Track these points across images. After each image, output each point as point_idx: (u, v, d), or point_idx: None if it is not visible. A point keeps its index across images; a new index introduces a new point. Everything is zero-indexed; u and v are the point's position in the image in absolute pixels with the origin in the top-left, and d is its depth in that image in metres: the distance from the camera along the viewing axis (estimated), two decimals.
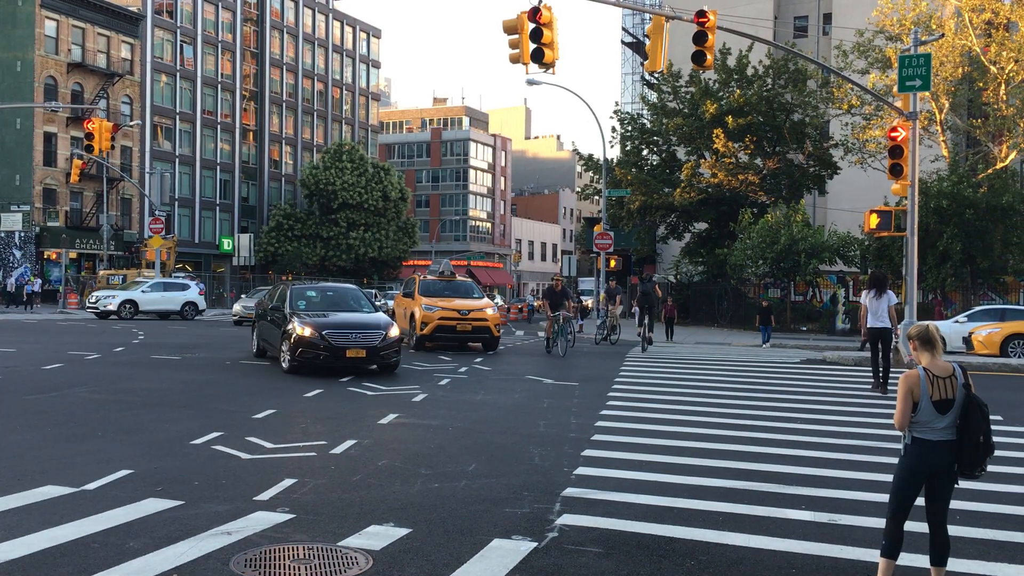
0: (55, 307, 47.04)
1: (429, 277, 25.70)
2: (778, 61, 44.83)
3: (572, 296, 23.18)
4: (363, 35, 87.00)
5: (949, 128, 39.47)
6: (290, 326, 16.65)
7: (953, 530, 5.79)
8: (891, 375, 15.93)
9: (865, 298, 16.28)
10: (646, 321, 25.42)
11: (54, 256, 55.39)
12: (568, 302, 23.34)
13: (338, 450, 9.67)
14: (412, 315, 23.25)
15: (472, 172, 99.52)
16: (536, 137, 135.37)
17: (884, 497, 5.77)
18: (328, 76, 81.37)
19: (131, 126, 59.62)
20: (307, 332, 16.20)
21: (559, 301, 23.04)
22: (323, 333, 16.16)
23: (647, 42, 19.65)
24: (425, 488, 8.05)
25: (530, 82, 37.01)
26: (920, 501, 5.49)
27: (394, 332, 16.90)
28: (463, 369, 18.30)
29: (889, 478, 5.69)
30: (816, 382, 17.47)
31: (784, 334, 33.98)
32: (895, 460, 5.62)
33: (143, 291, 38.20)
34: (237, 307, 36.49)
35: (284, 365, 16.67)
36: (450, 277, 25.29)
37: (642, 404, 13.66)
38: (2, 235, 54.87)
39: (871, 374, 16.52)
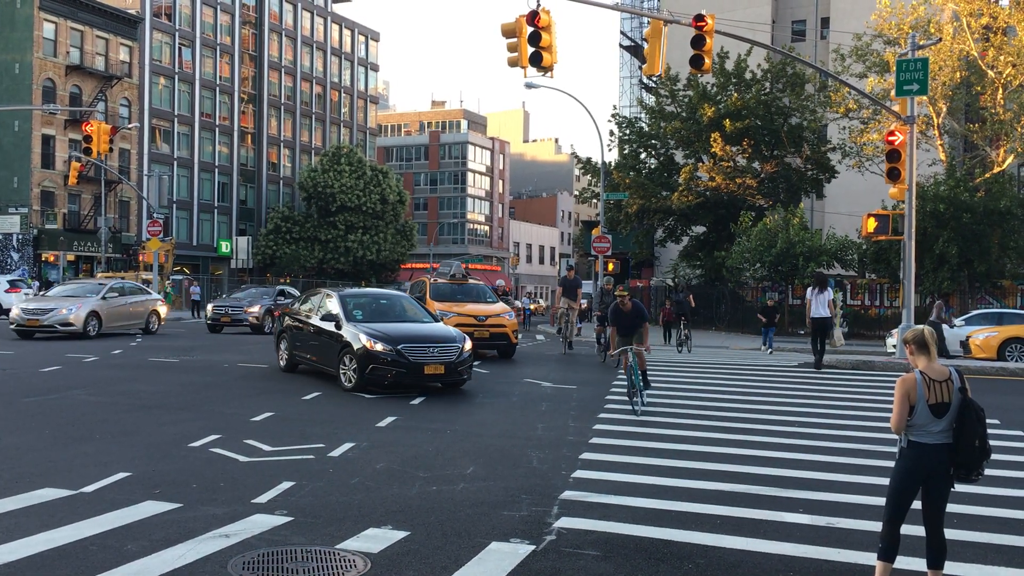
0: None
1: (440, 280, 23.97)
2: (776, 65, 44.91)
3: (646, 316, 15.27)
4: (361, 38, 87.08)
5: (947, 132, 39.56)
6: (353, 339, 14.71)
7: (950, 533, 5.80)
8: (827, 355, 20.92)
9: (810, 294, 20.44)
10: (683, 328, 26.70)
11: (52, 258, 55.37)
12: (645, 326, 14.91)
13: (336, 453, 9.67)
14: None
15: (470, 175, 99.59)
16: (534, 140, 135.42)
17: (881, 500, 5.78)
18: (326, 79, 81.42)
19: (129, 128, 59.62)
20: (379, 347, 14.34)
21: (632, 324, 14.70)
22: (399, 348, 14.33)
23: (645, 46, 19.68)
24: (423, 491, 8.06)
25: (528, 85, 37.06)
26: (917, 504, 5.50)
27: (468, 346, 15.22)
28: None
29: (886, 481, 5.71)
30: (813, 386, 17.47)
31: (782, 338, 33.97)
32: (892, 463, 5.64)
33: None
34: (16, 312, 25.99)
35: (347, 384, 14.68)
36: (462, 280, 23.97)
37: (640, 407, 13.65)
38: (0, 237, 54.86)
39: (813, 357, 20.74)
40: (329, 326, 15.62)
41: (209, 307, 31.78)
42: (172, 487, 7.98)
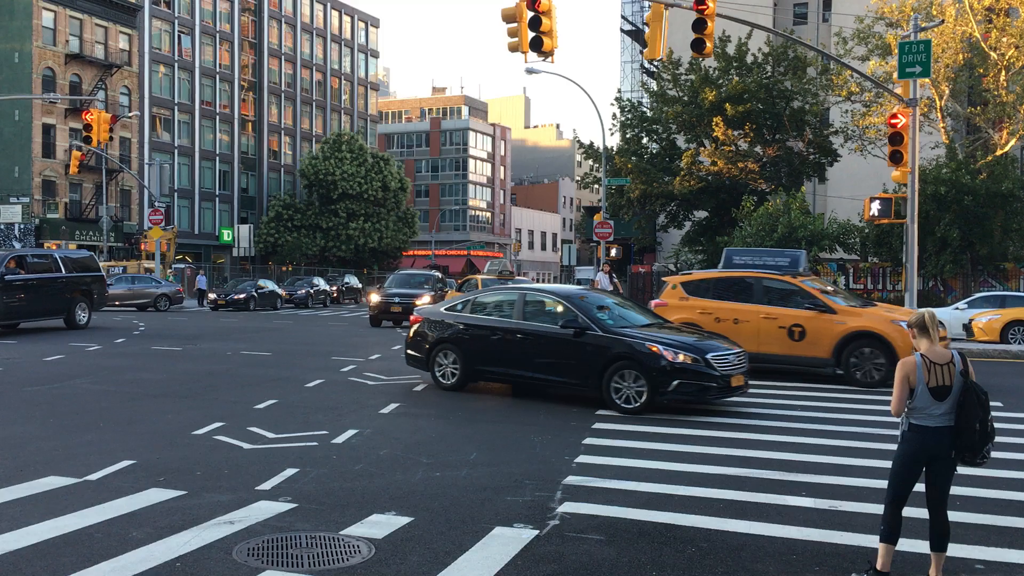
0: None
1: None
2: (777, 48, 44.70)
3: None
4: (361, 24, 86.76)
5: (949, 115, 39.37)
6: (630, 349, 12.03)
7: (953, 516, 5.81)
8: None
9: None
10: None
11: (54, 248, 55.35)
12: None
13: (340, 440, 9.69)
14: None
15: (471, 162, 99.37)
16: (535, 126, 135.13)
17: (884, 483, 5.79)
18: (327, 66, 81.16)
19: (129, 117, 59.48)
20: (681, 357, 11.91)
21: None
22: (707, 358, 12.14)
23: (646, 30, 19.59)
24: (427, 477, 8.08)
25: (529, 71, 36.86)
26: (920, 487, 5.51)
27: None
28: None
29: (889, 465, 5.71)
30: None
31: None
32: (895, 447, 5.64)
33: None
34: (212, 296, 32.85)
35: (626, 404, 11.81)
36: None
37: None
38: (1, 227, 54.83)
39: None
40: (565, 333, 12.54)
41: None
42: (176, 475, 8.00)
